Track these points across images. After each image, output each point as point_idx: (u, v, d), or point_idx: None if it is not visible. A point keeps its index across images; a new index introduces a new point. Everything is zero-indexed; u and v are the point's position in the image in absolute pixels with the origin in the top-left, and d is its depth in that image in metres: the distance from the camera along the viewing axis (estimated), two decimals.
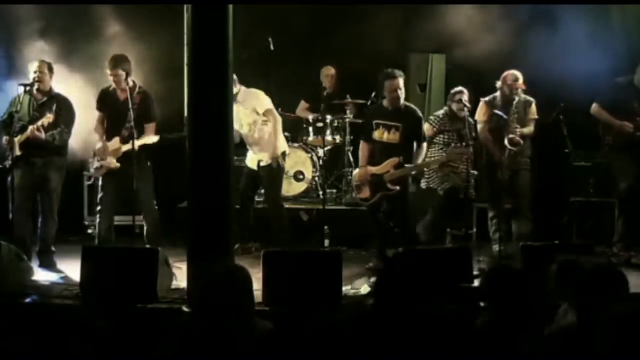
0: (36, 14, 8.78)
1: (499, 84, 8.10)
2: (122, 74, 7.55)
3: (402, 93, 7.73)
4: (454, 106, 8.18)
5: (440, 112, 8.33)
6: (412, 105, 7.97)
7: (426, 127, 8.09)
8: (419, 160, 7.85)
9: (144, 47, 8.73)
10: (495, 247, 7.94)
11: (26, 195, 7.67)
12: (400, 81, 7.73)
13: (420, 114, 7.98)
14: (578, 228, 8.43)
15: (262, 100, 8.36)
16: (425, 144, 7.92)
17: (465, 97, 8.08)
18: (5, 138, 7.63)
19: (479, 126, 8.22)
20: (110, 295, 6.29)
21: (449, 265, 6.53)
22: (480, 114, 8.18)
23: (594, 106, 8.25)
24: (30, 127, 7.52)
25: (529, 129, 8.04)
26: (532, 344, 3.83)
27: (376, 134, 7.86)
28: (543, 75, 8.36)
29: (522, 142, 7.93)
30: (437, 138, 8.25)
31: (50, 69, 7.70)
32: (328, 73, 10.33)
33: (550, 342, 3.86)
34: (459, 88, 8.24)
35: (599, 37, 9.04)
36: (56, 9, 8.77)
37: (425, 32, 9.46)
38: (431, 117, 8.36)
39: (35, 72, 7.59)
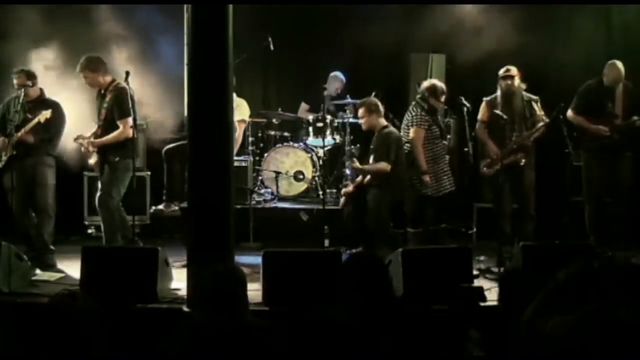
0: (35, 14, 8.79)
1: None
2: (92, 75, 7.60)
3: None
4: (432, 101, 8.16)
5: (418, 111, 8.21)
6: None
7: (416, 131, 8.10)
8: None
9: (143, 48, 8.73)
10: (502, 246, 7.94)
11: (22, 194, 7.69)
12: None
13: None
14: (578, 228, 8.42)
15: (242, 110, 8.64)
16: None
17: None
18: (1, 139, 7.67)
19: (477, 125, 8.22)
20: (110, 295, 6.28)
21: (450, 265, 6.53)
22: (481, 113, 8.18)
23: (569, 112, 8.31)
24: (21, 133, 7.58)
25: (537, 128, 8.03)
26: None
27: None
28: (542, 74, 8.35)
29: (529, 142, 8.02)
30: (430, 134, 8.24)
31: (30, 76, 7.70)
32: (336, 79, 10.33)
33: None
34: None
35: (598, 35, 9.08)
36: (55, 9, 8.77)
37: (426, 32, 9.46)
38: (416, 120, 8.20)
39: (16, 86, 7.64)
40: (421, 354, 3.81)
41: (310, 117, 9.91)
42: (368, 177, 8.23)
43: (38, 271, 7.36)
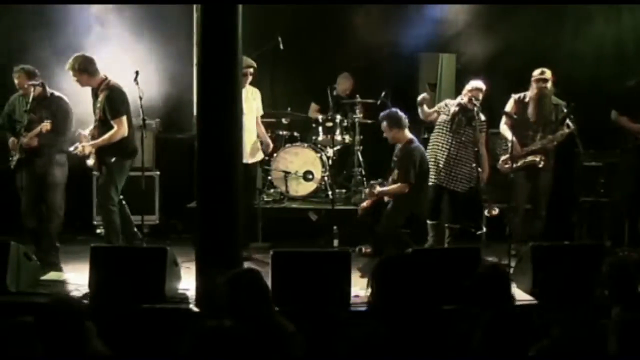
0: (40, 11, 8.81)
1: None
2: (79, 75, 7.49)
3: None
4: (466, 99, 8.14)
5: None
6: None
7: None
8: None
9: (153, 47, 8.73)
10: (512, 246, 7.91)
11: (31, 194, 7.69)
12: None
13: None
14: (588, 228, 8.38)
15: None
16: None
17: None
18: (12, 140, 7.67)
19: (503, 121, 8.21)
20: (118, 295, 6.28)
21: (459, 266, 6.50)
22: (507, 108, 8.17)
23: (613, 114, 8.35)
24: (25, 139, 7.55)
25: (560, 134, 8.01)
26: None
27: None
28: (553, 74, 8.30)
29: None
30: None
31: (30, 75, 7.62)
32: (346, 79, 10.31)
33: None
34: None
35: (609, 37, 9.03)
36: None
37: (436, 32, 9.44)
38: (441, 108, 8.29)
39: (17, 85, 7.62)
40: (430, 354, 3.79)
41: (320, 117, 9.88)
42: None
43: (47, 271, 7.36)
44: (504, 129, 8.15)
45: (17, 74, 7.64)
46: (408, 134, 8.20)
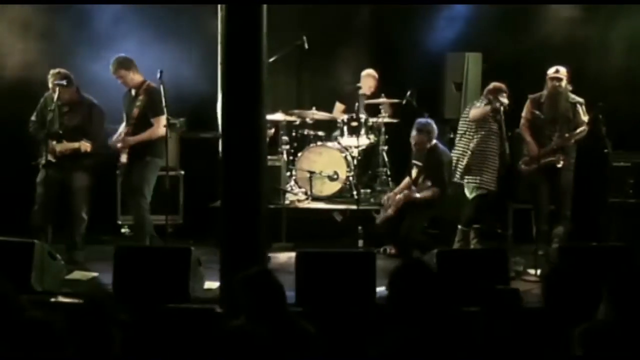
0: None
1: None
2: (126, 73, 7.67)
3: None
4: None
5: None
6: None
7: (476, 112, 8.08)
8: None
9: (177, 46, 8.74)
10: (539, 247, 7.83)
11: (54, 192, 7.73)
12: None
13: None
14: (616, 229, 8.28)
15: None
16: None
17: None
18: (44, 139, 7.67)
19: (521, 122, 8.14)
20: (142, 295, 6.27)
21: (485, 267, 6.44)
22: (524, 110, 8.12)
23: None
24: (60, 149, 7.64)
25: (579, 131, 7.94)
26: None
27: None
28: (581, 73, 8.22)
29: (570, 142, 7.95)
30: None
31: (66, 78, 7.66)
32: (370, 77, 10.26)
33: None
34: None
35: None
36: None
37: (462, 31, 9.36)
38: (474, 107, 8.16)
39: (51, 88, 7.65)
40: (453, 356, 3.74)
41: (344, 117, 9.83)
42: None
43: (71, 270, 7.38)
44: (523, 131, 8.10)
45: (53, 76, 7.67)
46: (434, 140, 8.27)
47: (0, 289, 4.19)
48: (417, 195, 8.19)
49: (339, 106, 10.43)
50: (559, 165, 7.88)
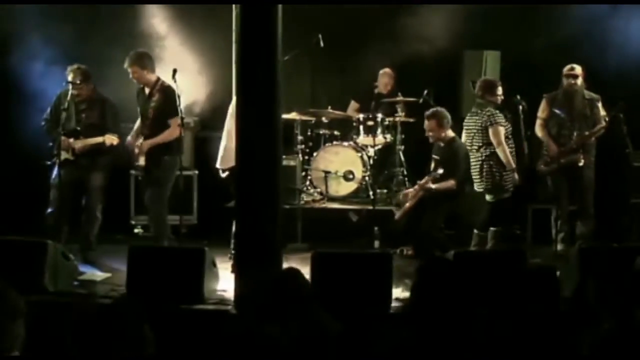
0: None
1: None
2: (140, 70, 7.55)
3: None
4: (490, 97, 7.96)
5: (492, 110, 8.00)
6: None
7: (496, 130, 7.87)
8: None
9: (191, 45, 8.69)
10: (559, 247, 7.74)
11: (69, 192, 7.68)
12: None
13: None
14: (638, 230, 8.17)
15: None
16: None
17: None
18: (64, 139, 7.60)
19: (537, 122, 8.04)
20: (156, 295, 6.22)
21: (503, 268, 6.35)
22: (540, 110, 8.04)
23: None
24: (78, 145, 7.60)
25: (598, 128, 7.84)
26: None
27: None
28: (602, 71, 8.12)
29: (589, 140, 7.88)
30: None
31: (86, 75, 7.64)
32: (386, 75, 10.18)
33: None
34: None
35: None
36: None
37: (480, 29, 9.26)
38: (493, 118, 7.96)
39: (71, 84, 7.57)
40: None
41: (361, 116, 9.76)
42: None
43: (85, 271, 7.34)
44: (539, 131, 8.01)
45: (73, 72, 7.62)
46: (451, 132, 8.10)
47: None
48: (432, 186, 8.06)
49: (353, 104, 10.37)
50: (580, 164, 7.78)
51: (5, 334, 3.54)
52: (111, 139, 7.56)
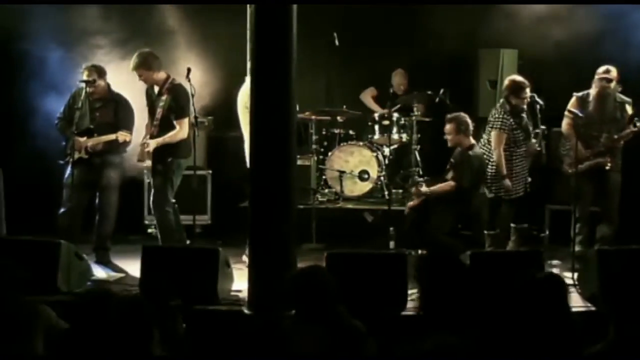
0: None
1: None
2: (147, 72, 7.46)
3: None
4: (515, 101, 7.83)
5: (502, 114, 7.85)
6: None
7: (498, 135, 7.77)
8: None
9: (206, 45, 8.66)
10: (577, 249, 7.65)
11: (82, 192, 7.65)
12: None
13: None
14: None
15: None
16: None
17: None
18: (77, 139, 7.57)
19: (564, 120, 7.89)
20: (169, 295, 6.18)
21: (519, 269, 6.28)
22: (569, 107, 7.83)
23: None
24: (91, 143, 7.54)
25: (627, 132, 7.73)
26: None
27: None
28: (623, 70, 8.00)
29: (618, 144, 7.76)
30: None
31: (101, 73, 7.62)
32: (400, 75, 10.16)
33: None
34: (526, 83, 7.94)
35: None
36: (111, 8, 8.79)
37: (496, 27, 9.18)
38: (498, 123, 7.81)
39: (85, 81, 7.54)
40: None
41: (376, 115, 9.71)
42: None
43: (97, 270, 7.33)
44: (566, 130, 7.88)
45: (88, 70, 7.60)
46: (471, 139, 7.95)
47: None
48: (425, 189, 7.99)
49: (371, 90, 10.29)
50: (607, 167, 7.67)
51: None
52: (124, 136, 7.52)
